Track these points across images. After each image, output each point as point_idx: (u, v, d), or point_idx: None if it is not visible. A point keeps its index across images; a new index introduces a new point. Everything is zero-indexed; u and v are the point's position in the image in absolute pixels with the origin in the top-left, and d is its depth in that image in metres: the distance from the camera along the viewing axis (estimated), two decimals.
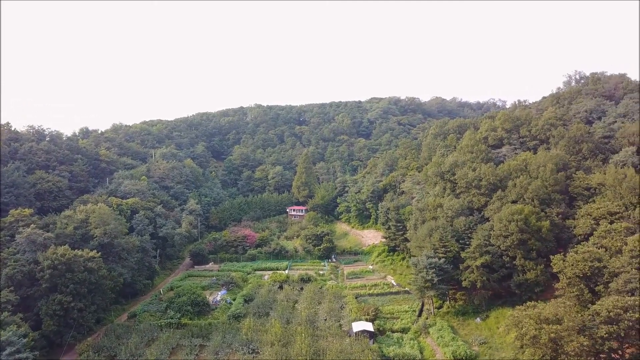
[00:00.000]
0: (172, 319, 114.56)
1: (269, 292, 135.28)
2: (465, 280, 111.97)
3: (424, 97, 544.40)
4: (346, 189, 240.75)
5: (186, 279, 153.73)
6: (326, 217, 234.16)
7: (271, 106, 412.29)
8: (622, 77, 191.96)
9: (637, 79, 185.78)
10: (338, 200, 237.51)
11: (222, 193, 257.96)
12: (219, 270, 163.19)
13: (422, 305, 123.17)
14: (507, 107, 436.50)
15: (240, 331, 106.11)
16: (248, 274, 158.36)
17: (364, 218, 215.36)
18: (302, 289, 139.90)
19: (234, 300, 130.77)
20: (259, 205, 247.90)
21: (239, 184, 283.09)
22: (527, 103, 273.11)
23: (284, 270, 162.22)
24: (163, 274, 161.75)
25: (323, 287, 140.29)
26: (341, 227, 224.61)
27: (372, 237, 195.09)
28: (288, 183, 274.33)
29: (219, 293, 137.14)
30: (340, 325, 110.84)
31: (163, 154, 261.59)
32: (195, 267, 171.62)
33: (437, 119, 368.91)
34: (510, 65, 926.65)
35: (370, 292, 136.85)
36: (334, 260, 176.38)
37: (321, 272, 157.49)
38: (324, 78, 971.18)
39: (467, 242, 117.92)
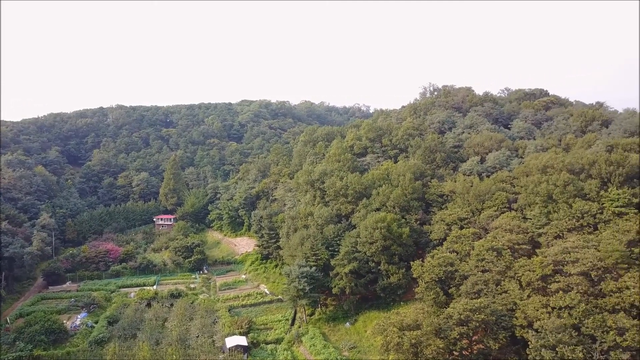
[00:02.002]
0: (22, 351, 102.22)
1: (135, 311, 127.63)
2: (335, 287, 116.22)
3: (294, 100, 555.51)
4: (218, 195, 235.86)
5: (38, 303, 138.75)
6: (197, 225, 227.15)
7: (135, 107, 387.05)
8: (469, 90, 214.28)
9: (481, 93, 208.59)
10: (209, 208, 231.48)
11: (80, 203, 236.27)
12: (77, 290, 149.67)
13: (295, 313, 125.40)
14: (371, 111, 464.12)
15: (104, 358, 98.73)
16: (112, 292, 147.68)
17: (236, 225, 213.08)
18: (172, 305, 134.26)
19: (96, 323, 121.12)
20: (123, 215, 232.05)
21: (99, 193, 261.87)
22: (389, 110, 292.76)
23: (152, 286, 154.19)
24: (10, 298, 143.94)
25: (195, 302, 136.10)
26: (213, 235, 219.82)
27: (245, 244, 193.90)
28: (155, 190, 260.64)
29: (79, 316, 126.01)
30: (214, 341, 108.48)
31: (8, 161, 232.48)
32: (50, 288, 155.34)
33: (307, 123, 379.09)
34: (374, 72, 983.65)
35: (244, 303, 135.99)
36: (205, 271, 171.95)
37: (192, 286, 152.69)
38: (192, 78, 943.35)
39: (337, 249, 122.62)
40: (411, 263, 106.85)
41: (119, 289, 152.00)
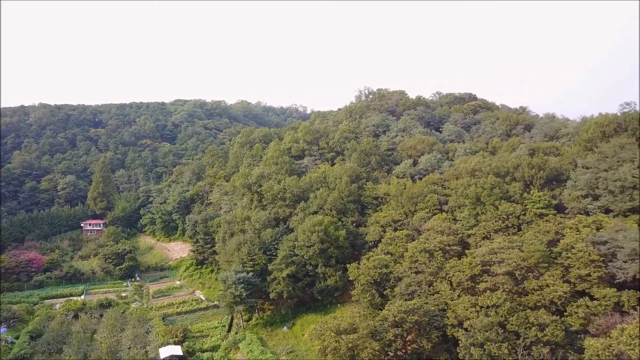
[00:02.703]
0: None
1: (61, 324, 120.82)
2: (272, 291, 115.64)
3: (230, 100, 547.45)
4: (150, 199, 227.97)
5: None
6: (128, 230, 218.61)
7: (60, 106, 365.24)
8: (402, 94, 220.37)
9: (414, 97, 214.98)
10: (142, 212, 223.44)
11: None
12: None
13: (232, 319, 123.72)
14: (308, 112, 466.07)
15: None
16: (35, 304, 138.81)
17: (170, 230, 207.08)
18: (101, 315, 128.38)
19: (17, 339, 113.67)
20: (47, 221, 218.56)
21: (20, 197, 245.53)
22: (326, 111, 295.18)
23: (80, 296, 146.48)
24: None
25: (126, 311, 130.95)
26: (146, 240, 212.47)
27: (179, 250, 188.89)
28: (82, 194, 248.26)
29: None
30: (147, 352, 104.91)
31: None
32: None
33: (243, 123, 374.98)
34: (312, 72, 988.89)
35: (179, 310, 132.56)
36: (138, 279, 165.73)
37: (124, 294, 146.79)
38: (123, 76, 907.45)
39: (274, 254, 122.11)
40: (348, 266, 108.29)
41: (42, 300, 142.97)
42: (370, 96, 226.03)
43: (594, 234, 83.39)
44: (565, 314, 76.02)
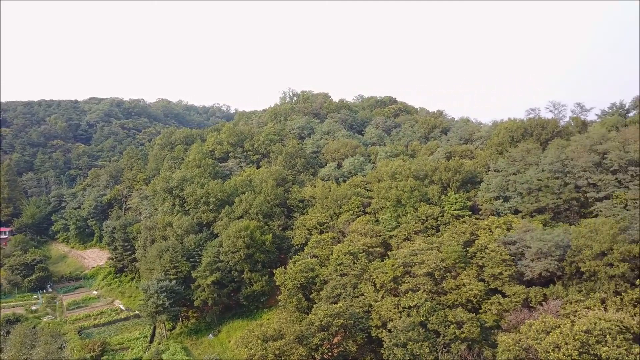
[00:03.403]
0: None
1: None
2: (197, 299, 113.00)
3: (149, 98, 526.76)
4: (63, 204, 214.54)
5: None
6: (39, 238, 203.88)
7: None
8: (326, 96, 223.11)
9: (337, 100, 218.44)
10: (53, 218, 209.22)
11: None
12: None
13: (154, 329, 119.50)
14: (232, 112, 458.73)
15: None
16: None
17: (86, 236, 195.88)
18: (8, 332, 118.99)
19: None
20: None
21: None
22: (250, 111, 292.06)
23: None
24: None
25: (37, 326, 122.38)
26: (58, 248, 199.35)
27: (96, 257, 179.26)
28: None
29: None
30: None
31: None
32: None
33: (164, 123, 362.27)
34: (235, 70, 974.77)
35: (96, 322, 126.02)
36: (50, 290, 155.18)
37: (34, 308, 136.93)
38: (31, 71, 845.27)
39: (198, 260, 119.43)
40: (274, 271, 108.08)
41: None
42: (295, 98, 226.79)
43: (505, 234, 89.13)
44: (480, 311, 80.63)
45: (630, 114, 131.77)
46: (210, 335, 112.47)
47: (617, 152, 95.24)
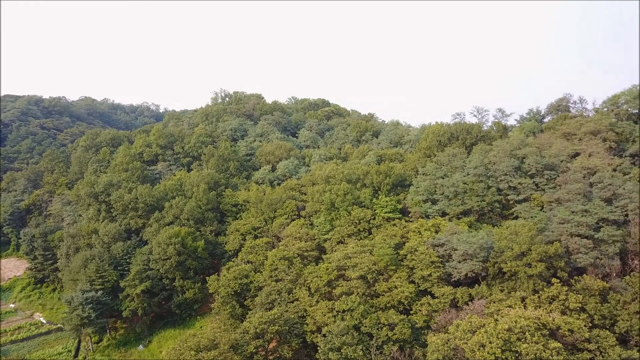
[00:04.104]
0: None
1: None
2: (126, 309, 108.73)
3: (71, 96, 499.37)
4: None
5: None
6: None
7: None
8: (259, 98, 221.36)
9: (270, 101, 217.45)
10: None
11: None
12: None
13: (79, 343, 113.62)
14: (161, 111, 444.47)
15: None
16: None
17: (1, 245, 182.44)
18: None
19: None
20: None
21: None
22: (181, 111, 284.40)
23: None
24: None
25: None
26: None
27: (13, 267, 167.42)
28: None
29: None
30: None
31: None
32: None
33: (88, 123, 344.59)
34: (165, 68, 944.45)
35: (14, 338, 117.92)
36: None
37: None
38: None
39: (127, 269, 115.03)
40: (207, 278, 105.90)
41: None
42: (227, 99, 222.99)
43: (434, 236, 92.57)
44: (411, 312, 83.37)
45: (546, 119, 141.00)
46: (141, 347, 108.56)
47: (534, 157, 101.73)
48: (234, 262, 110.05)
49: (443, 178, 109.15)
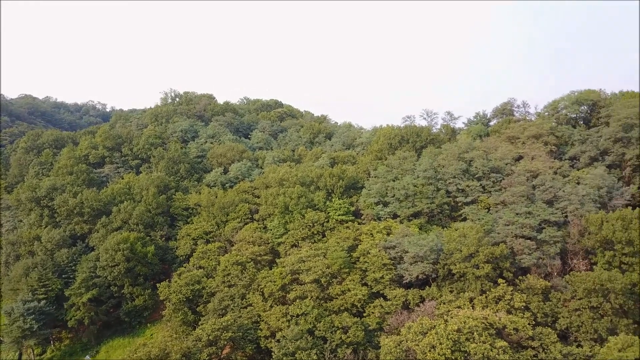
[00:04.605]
0: None
1: None
2: (71, 319, 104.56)
3: (10, 93, 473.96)
4: None
5: None
6: None
7: None
8: (210, 98, 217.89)
9: (222, 102, 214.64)
10: None
11: None
12: None
13: (20, 355, 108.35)
14: (108, 110, 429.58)
15: None
16: None
17: None
18: None
19: None
20: None
21: None
22: (129, 111, 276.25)
23: None
24: None
25: None
26: None
27: None
28: None
29: None
30: None
31: None
32: None
33: (28, 122, 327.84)
34: (110, 65, 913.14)
35: None
36: None
37: None
38: None
39: (72, 277, 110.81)
40: (158, 285, 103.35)
41: None
42: (177, 99, 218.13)
43: (385, 239, 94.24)
44: (364, 314, 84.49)
45: (492, 123, 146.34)
46: (88, 357, 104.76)
47: (481, 161, 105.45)
48: (185, 267, 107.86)
49: (394, 181, 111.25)
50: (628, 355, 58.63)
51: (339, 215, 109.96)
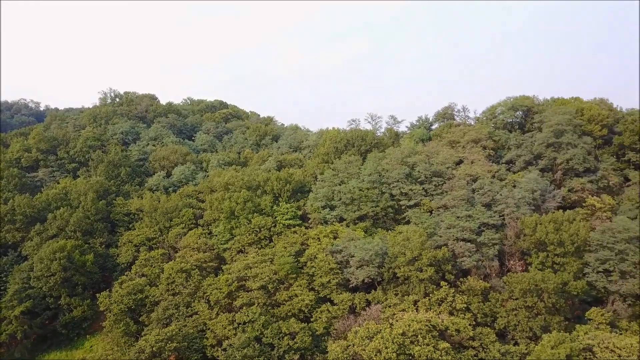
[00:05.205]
0: None
1: None
2: (2, 334, 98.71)
3: None
4: None
5: None
6: None
7: None
8: (152, 99, 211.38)
9: (165, 103, 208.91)
10: None
11: None
12: None
13: None
14: (42, 109, 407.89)
15: None
16: None
17: None
18: None
19: None
20: None
21: None
22: (65, 110, 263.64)
23: None
24: None
25: None
26: None
27: None
28: None
29: None
30: None
31: None
32: None
33: None
34: (46, 60, 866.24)
35: None
36: None
37: None
38: None
39: (3, 288, 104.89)
40: (98, 295, 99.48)
41: None
42: (117, 99, 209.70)
43: (332, 243, 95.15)
44: (311, 319, 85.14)
45: (434, 127, 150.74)
46: None
47: (423, 165, 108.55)
48: (127, 275, 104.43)
49: (340, 185, 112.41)
50: (560, 352, 62.17)
51: (286, 219, 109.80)
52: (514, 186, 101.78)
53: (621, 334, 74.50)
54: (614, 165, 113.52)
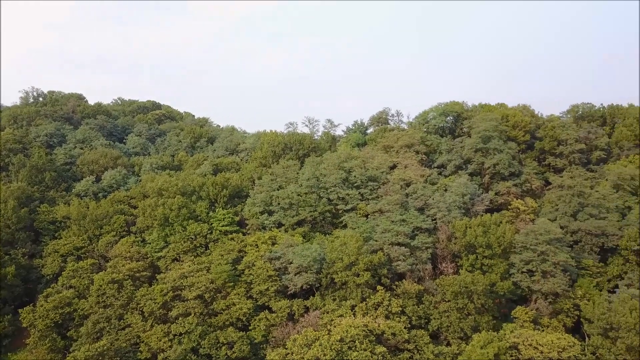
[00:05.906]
0: None
1: None
2: None
3: None
4: None
5: None
6: None
7: None
8: (80, 99, 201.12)
9: (93, 103, 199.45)
10: None
11: None
12: None
13: None
14: None
15: None
16: None
17: None
18: None
19: None
20: None
21: None
22: None
23: None
24: None
25: None
26: None
27: None
28: None
29: None
30: None
31: None
32: None
33: None
34: None
35: None
36: None
37: None
38: None
39: None
40: (20, 310, 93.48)
41: None
42: (41, 99, 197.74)
43: (270, 249, 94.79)
44: (250, 328, 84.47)
45: (369, 131, 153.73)
46: None
47: (359, 170, 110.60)
48: (53, 288, 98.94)
49: (278, 189, 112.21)
50: (489, 352, 65.54)
51: (222, 226, 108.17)
52: (446, 190, 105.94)
53: (543, 330, 79.70)
54: (536, 169, 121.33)
